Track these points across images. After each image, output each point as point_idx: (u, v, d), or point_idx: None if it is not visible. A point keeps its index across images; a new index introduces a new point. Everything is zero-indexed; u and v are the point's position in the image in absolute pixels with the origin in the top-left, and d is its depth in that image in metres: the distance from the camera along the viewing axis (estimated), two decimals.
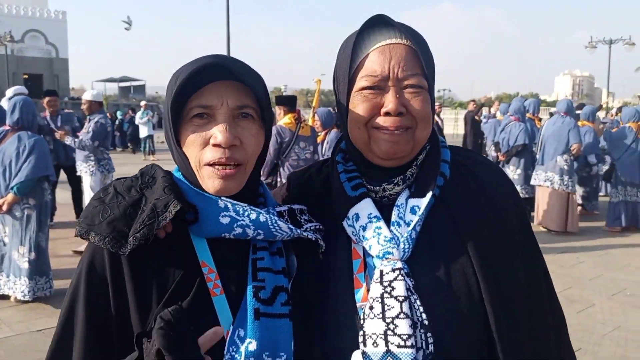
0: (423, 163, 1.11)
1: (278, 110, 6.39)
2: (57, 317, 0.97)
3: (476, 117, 14.15)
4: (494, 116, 12.81)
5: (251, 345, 0.95)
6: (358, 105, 1.07)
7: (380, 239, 1.04)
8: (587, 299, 5.36)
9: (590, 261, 6.69)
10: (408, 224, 1.05)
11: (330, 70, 1.18)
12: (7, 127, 5.00)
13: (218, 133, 0.97)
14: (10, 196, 4.78)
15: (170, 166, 1.12)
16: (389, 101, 1.04)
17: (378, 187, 1.09)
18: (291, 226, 1.05)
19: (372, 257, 1.05)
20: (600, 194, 10.39)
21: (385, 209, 1.08)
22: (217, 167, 0.99)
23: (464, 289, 1.02)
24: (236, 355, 0.95)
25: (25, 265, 4.90)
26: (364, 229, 1.06)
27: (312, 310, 1.06)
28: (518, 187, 8.71)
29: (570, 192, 8.01)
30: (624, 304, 5.23)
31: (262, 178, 5.94)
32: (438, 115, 13.31)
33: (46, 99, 8.00)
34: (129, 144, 22.25)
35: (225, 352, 0.95)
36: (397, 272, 1.01)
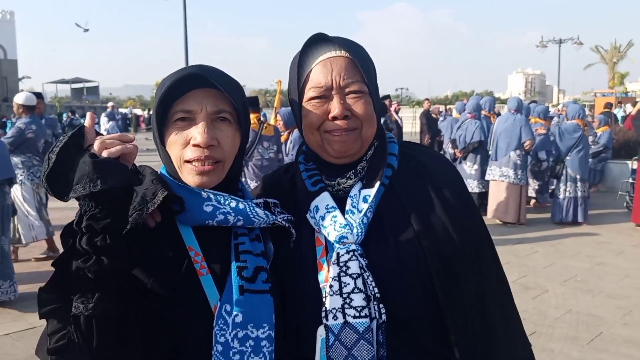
0: (372, 157, 1.25)
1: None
2: (23, 322, 1.05)
3: (433, 115, 14.52)
4: (451, 114, 13.19)
5: (237, 317, 1.08)
6: (309, 113, 1.22)
7: (336, 226, 1.17)
8: (541, 285, 5.65)
9: (543, 251, 7.02)
10: (361, 212, 1.19)
11: (286, 69, 1.32)
12: None
13: (197, 134, 1.10)
14: None
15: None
16: (335, 107, 1.18)
17: (333, 182, 1.24)
18: (267, 212, 1.18)
19: (332, 242, 1.19)
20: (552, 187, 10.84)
21: (341, 201, 1.22)
22: (195, 163, 1.11)
23: (413, 264, 1.16)
24: (224, 327, 1.07)
25: None
26: (323, 218, 1.20)
27: (285, 290, 1.19)
28: (475, 183, 9.05)
29: (522, 185, 8.38)
30: (575, 289, 5.54)
31: None
32: (397, 114, 13.57)
33: None
34: None
35: (214, 324, 1.07)
36: (351, 253, 1.15)
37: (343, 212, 1.20)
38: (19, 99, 6.31)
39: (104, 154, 0.98)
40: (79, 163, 0.97)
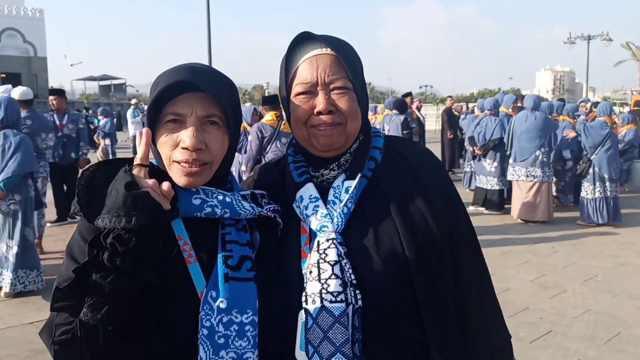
0: (356, 151, 1.30)
1: (263, 109, 6.66)
2: (47, 310, 1.10)
3: (456, 113, 14.41)
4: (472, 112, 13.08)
5: (222, 303, 1.13)
6: (296, 108, 1.26)
7: (318, 215, 1.23)
8: (560, 284, 5.59)
9: (564, 250, 6.94)
10: (342, 202, 1.24)
11: None
12: None
13: (186, 138, 1.14)
14: None
15: None
16: (320, 102, 1.23)
17: (318, 173, 1.30)
18: (253, 205, 1.24)
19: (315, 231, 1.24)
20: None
21: (326, 192, 1.28)
22: (184, 164, 1.15)
23: (391, 253, 1.21)
24: (210, 312, 1.12)
25: (11, 259, 5.03)
26: (306, 208, 1.25)
27: (270, 276, 1.23)
28: (494, 180, 9.00)
29: (549, 182, 8.28)
30: (595, 289, 5.47)
31: (246, 171, 6.12)
32: (419, 111, 13.52)
33: (50, 98, 8.22)
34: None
35: (200, 310, 1.12)
36: (331, 241, 1.20)
37: (326, 202, 1.25)
38: (14, 94, 6.38)
39: (142, 186, 1.00)
40: (112, 191, 0.99)
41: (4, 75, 52.64)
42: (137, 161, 1.05)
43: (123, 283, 0.99)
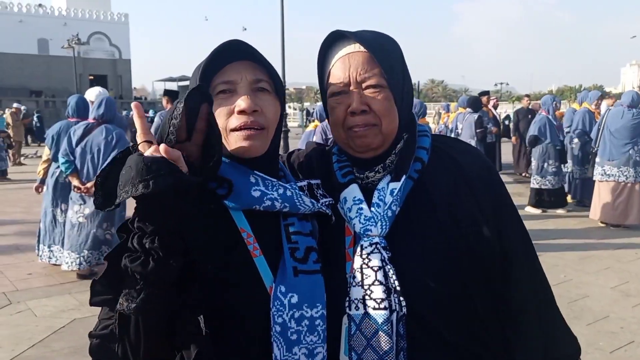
0: (401, 151, 1.24)
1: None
2: None
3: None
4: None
5: (293, 298, 1.10)
6: (332, 110, 1.24)
7: (361, 218, 1.19)
8: None
9: None
10: (386, 205, 1.19)
11: None
12: (91, 121, 5.62)
13: (241, 102, 1.12)
14: None
15: None
16: (352, 102, 1.20)
17: (363, 175, 1.25)
18: (313, 201, 1.20)
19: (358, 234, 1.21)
20: None
21: (370, 193, 1.23)
22: (242, 130, 1.13)
23: (438, 259, 1.16)
24: (281, 308, 1.09)
25: (110, 238, 5.55)
26: (350, 210, 1.22)
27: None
28: (535, 178, 8.83)
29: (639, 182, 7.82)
30: None
31: None
32: (495, 109, 13.13)
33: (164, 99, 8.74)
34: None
35: (271, 306, 1.09)
36: (374, 246, 1.16)
37: (370, 205, 1.21)
38: (91, 94, 6.61)
39: (161, 151, 0.95)
40: (125, 167, 0.94)
41: (92, 77, 55.98)
42: (139, 138, 0.99)
43: (153, 266, 0.94)
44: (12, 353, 3.90)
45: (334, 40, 1.25)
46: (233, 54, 1.15)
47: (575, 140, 9.26)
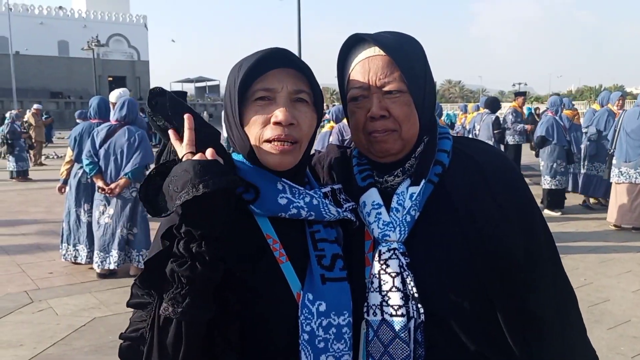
0: (421, 154, 1.22)
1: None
2: None
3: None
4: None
5: (321, 306, 1.09)
6: (352, 115, 1.23)
7: (380, 223, 1.17)
8: None
9: None
10: (405, 209, 1.17)
11: None
12: (114, 122, 5.71)
13: (279, 113, 1.10)
14: (123, 180, 5.51)
15: None
16: (372, 106, 1.18)
17: (382, 179, 1.23)
18: (338, 209, 1.17)
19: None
20: None
21: (389, 198, 1.20)
22: (275, 142, 1.11)
23: (458, 265, 1.13)
24: (309, 316, 1.08)
25: (132, 238, 5.65)
26: (369, 214, 1.19)
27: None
28: (544, 178, 8.77)
29: None
30: None
31: None
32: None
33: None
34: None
35: (299, 314, 1.08)
36: (392, 251, 1.14)
37: (389, 209, 1.19)
38: (114, 96, 6.80)
39: (207, 155, 1.00)
40: (179, 172, 0.97)
41: (111, 79, 56.64)
42: (185, 149, 1.02)
43: (200, 271, 0.95)
44: (34, 351, 3.97)
45: (354, 43, 1.24)
46: (276, 60, 1.12)
47: (591, 136, 9.14)
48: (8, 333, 4.31)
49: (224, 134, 1.23)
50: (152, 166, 1.13)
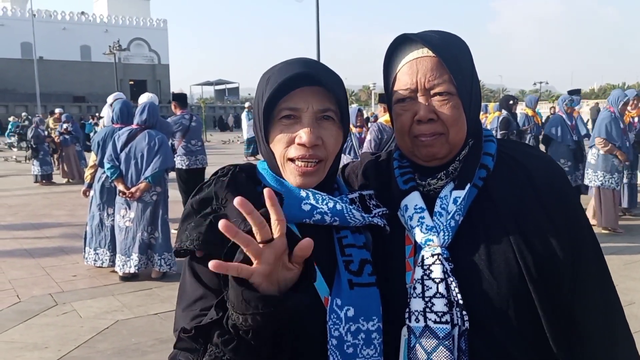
0: (466, 158, 1.19)
1: (380, 108, 6.66)
2: (169, 303, 1.15)
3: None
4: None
5: (349, 311, 1.09)
6: (398, 117, 1.20)
7: (423, 228, 1.14)
8: None
9: None
10: (449, 214, 1.14)
11: None
12: (135, 126, 5.82)
13: (303, 134, 1.10)
14: (143, 184, 5.60)
15: None
16: (419, 109, 1.15)
17: (425, 182, 1.20)
18: (364, 214, 1.16)
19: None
20: None
21: (433, 201, 1.18)
22: (299, 162, 1.11)
23: (504, 272, 1.10)
24: (337, 321, 1.08)
25: (154, 242, 5.72)
26: (411, 218, 1.17)
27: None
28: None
29: None
30: None
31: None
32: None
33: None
34: None
35: (327, 319, 1.08)
36: (436, 257, 1.12)
37: (432, 213, 1.17)
38: (143, 100, 7.07)
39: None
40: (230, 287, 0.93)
41: (132, 82, 57.31)
42: (262, 237, 0.94)
43: (245, 354, 0.94)
44: (59, 353, 4.04)
45: (401, 43, 1.21)
46: (303, 79, 1.11)
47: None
48: (34, 335, 4.39)
49: (246, 135, 1.21)
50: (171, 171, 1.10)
